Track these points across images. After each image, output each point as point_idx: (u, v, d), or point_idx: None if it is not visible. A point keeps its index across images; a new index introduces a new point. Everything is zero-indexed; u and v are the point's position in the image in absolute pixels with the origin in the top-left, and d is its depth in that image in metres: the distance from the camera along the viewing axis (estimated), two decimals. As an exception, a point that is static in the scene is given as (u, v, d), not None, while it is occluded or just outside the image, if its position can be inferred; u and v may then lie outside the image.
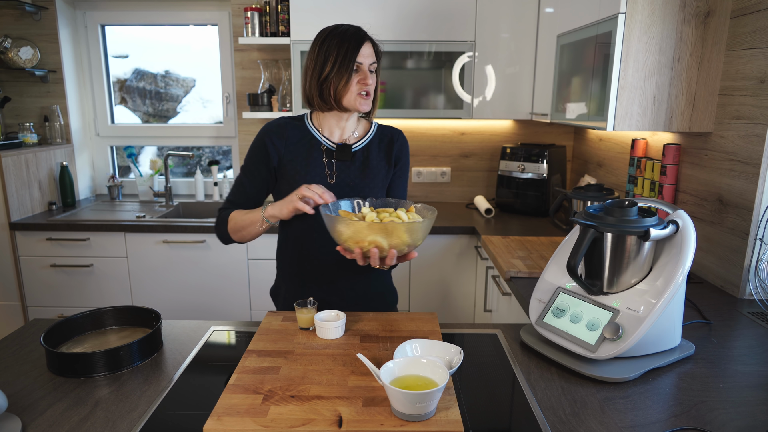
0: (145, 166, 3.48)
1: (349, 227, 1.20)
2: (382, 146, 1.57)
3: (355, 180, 1.52)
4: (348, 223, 1.20)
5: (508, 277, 1.89)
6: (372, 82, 1.45)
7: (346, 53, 1.42)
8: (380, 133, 1.59)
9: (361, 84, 1.44)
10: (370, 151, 1.55)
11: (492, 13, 2.71)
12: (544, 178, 2.86)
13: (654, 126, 1.82)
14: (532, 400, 1.09)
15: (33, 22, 3.05)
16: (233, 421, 0.96)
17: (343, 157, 1.51)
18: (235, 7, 3.06)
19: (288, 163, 1.50)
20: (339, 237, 1.26)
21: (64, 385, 1.14)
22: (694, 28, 1.74)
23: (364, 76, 1.44)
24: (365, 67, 1.44)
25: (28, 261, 2.75)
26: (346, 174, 1.52)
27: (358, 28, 1.46)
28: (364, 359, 1.07)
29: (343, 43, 1.42)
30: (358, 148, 1.54)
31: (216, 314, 2.80)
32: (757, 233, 1.61)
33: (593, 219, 1.24)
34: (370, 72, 1.45)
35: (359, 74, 1.44)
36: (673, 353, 1.25)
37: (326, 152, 1.52)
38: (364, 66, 1.44)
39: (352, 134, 1.56)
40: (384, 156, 1.57)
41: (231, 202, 1.55)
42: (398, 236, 1.20)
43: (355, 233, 1.21)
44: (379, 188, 1.55)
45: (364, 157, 1.54)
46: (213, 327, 1.43)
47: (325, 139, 1.53)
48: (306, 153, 1.51)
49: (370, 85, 1.44)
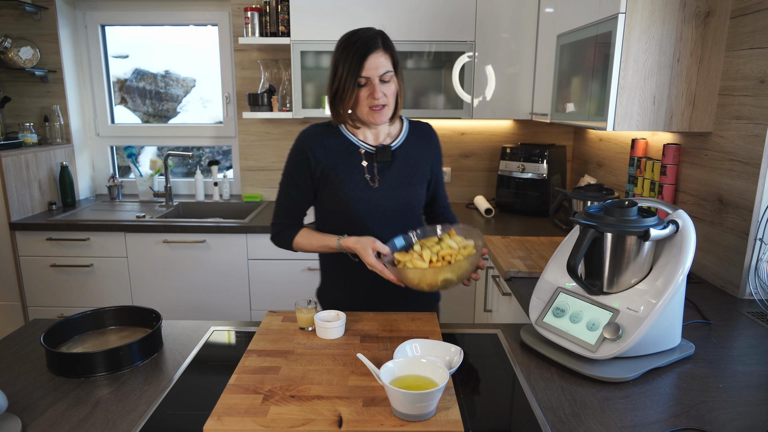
0: (145, 166, 3.48)
1: (418, 274, 1.28)
2: (419, 142, 1.56)
3: (396, 181, 1.51)
4: (416, 272, 1.28)
5: (508, 277, 1.89)
6: (380, 96, 1.38)
7: (350, 68, 1.37)
8: (414, 129, 1.58)
9: (370, 98, 1.40)
10: (408, 149, 1.54)
11: (492, 13, 2.71)
12: (544, 178, 2.86)
13: (654, 126, 1.82)
14: (532, 400, 1.09)
15: (33, 22, 3.04)
16: (233, 421, 0.96)
17: (384, 158, 1.50)
18: (235, 7, 3.06)
19: (330, 171, 1.48)
20: (410, 283, 1.32)
21: (64, 385, 1.14)
22: (694, 28, 1.74)
23: (371, 91, 1.39)
24: (374, 79, 1.38)
25: (28, 261, 2.75)
26: (387, 176, 1.50)
27: (368, 38, 1.38)
28: (364, 359, 1.07)
29: (348, 56, 1.38)
30: (396, 146, 1.53)
31: (216, 314, 2.80)
32: (757, 233, 1.61)
33: (593, 219, 1.24)
34: (383, 82, 1.40)
35: (367, 88, 1.40)
36: (673, 353, 1.25)
37: (365, 156, 1.50)
38: (373, 79, 1.38)
39: (387, 135, 1.54)
40: (422, 152, 1.56)
41: (282, 216, 1.55)
42: (462, 268, 1.29)
43: (425, 277, 1.28)
44: (420, 186, 1.55)
45: (403, 155, 1.53)
46: (213, 327, 1.43)
47: (362, 142, 1.51)
48: (346, 159, 1.49)
49: (379, 99, 1.39)
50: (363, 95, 1.40)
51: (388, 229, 1.51)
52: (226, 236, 2.70)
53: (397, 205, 1.51)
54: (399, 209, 1.52)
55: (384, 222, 1.51)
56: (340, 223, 1.51)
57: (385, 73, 1.40)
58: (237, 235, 2.70)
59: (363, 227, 1.50)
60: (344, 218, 1.51)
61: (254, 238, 2.70)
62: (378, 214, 1.50)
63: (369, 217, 1.50)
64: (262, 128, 3.23)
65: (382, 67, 1.39)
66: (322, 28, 2.71)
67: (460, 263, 1.27)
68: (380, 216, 1.50)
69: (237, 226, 2.68)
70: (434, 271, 1.27)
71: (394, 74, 1.42)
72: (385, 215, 1.51)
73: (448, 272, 1.27)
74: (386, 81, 1.41)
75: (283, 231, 1.55)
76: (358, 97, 1.41)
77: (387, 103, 1.42)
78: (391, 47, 1.43)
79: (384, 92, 1.40)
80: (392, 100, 1.44)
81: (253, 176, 3.31)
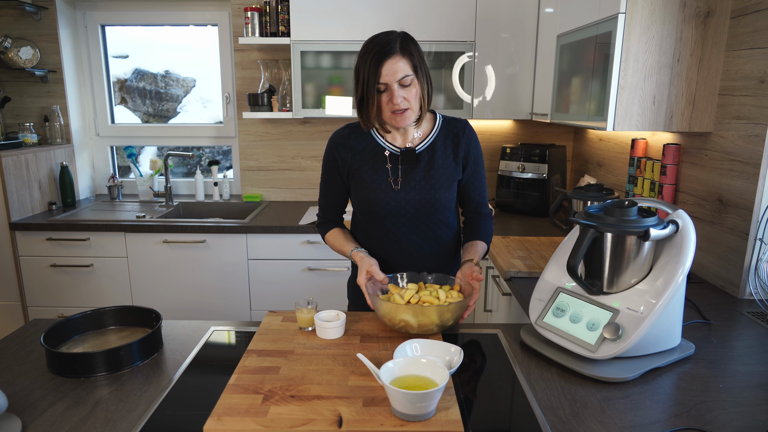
0: (145, 166, 3.48)
1: (383, 306, 1.28)
2: (448, 143, 1.54)
3: (420, 182, 1.51)
4: (382, 303, 1.28)
5: (508, 277, 1.89)
6: (400, 100, 1.38)
7: (369, 75, 1.38)
8: (445, 128, 1.56)
9: (390, 104, 1.40)
10: (435, 150, 1.53)
11: (492, 13, 2.71)
12: (544, 178, 2.86)
13: (654, 126, 1.82)
14: (532, 400, 1.09)
15: (33, 22, 3.04)
16: (233, 421, 0.96)
17: (409, 161, 1.51)
18: (235, 7, 3.06)
19: (356, 171, 1.53)
20: (377, 312, 1.33)
21: (64, 385, 1.14)
22: (694, 28, 1.74)
23: (390, 96, 1.40)
24: (392, 85, 1.38)
25: (28, 261, 2.75)
26: (411, 177, 1.51)
27: (384, 44, 1.38)
28: (364, 359, 1.07)
29: (366, 63, 1.38)
30: (422, 149, 1.53)
31: (216, 314, 2.80)
32: (757, 233, 1.61)
33: (593, 219, 1.24)
34: (403, 86, 1.39)
35: (387, 94, 1.40)
36: (673, 353, 1.25)
37: (390, 158, 1.52)
38: (391, 84, 1.38)
39: (415, 135, 1.54)
40: (450, 153, 1.54)
41: (323, 210, 1.66)
42: (428, 317, 1.26)
43: (389, 311, 1.28)
44: (445, 188, 1.52)
45: (429, 157, 1.52)
46: (213, 327, 1.43)
47: (388, 144, 1.52)
48: (371, 160, 1.52)
49: (398, 104, 1.39)
50: (384, 101, 1.42)
51: (408, 230, 1.53)
52: (226, 236, 2.70)
53: (418, 208, 1.52)
54: (420, 211, 1.52)
55: (404, 223, 1.53)
56: (364, 221, 1.58)
57: (404, 77, 1.39)
58: (237, 235, 2.70)
59: (383, 227, 1.54)
60: (368, 216, 1.56)
61: (254, 238, 2.70)
62: (398, 216, 1.52)
63: (389, 217, 1.52)
64: (262, 128, 3.23)
65: (399, 72, 1.38)
66: (322, 28, 2.71)
67: (425, 310, 1.25)
68: (400, 217, 1.52)
69: (237, 226, 2.68)
70: (398, 308, 1.26)
71: (414, 77, 1.41)
72: (405, 216, 1.52)
73: (410, 315, 1.25)
74: (406, 85, 1.40)
75: (322, 224, 1.66)
76: (380, 103, 1.42)
77: (409, 107, 1.42)
78: (411, 50, 1.40)
79: (404, 96, 1.40)
80: (415, 103, 1.43)
81: (253, 176, 3.31)
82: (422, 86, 1.44)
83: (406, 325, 1.27)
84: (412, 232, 1.54)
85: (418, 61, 1.42)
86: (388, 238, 1.55)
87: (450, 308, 1.26)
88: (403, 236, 1.54)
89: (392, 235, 1.54)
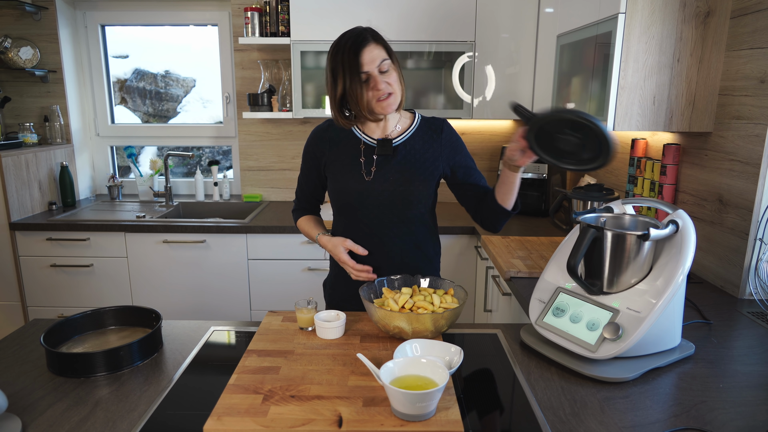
0: (145, 166, 3.48)
1: (377, 312, 1.27)
2: (427, 138, 1.56)
3: (396, 174, 1.52)
4: (376, 309, 1.27)
5: (508, 277, 1.89)
6: (383, 86, 1.42)
7: (349, 69, 1.40)
8: (424, 125, 1.58)
9: (375, 91, 1.42)
10: (413, 144, 1.54)
11: (492, 13, 2.71)
12: (544, 178, 2.86)
13: (654, 126, 1.82)
14: (532, 400, 1.09)
15: (33, 22, 3.05)
16: (233, 421, 0.96)
17: (384, 152, 1.52)
18: (235, 7, 3.06)
19: (331, 163, 1.56)
20: (371, 317, 1.32)
21: (64, 385, 1.14)
22: (694, 28, 1.74)
23: (374, 83, 1.42)
24: (373, 72, 1.41)
25: (28, 261, 2.75)
26: (386, 170, 1.52)
27: (356, 36, 1.42)
28: (364, 359, 1.07)
29: (344, 58, 1.41)
30: (399, 142, 1.54)
31: (216, 314, 2.80)
32: (757, 233, 1.61)
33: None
34: (383, 72, 1.43)
35: (370, 82, 1.43)
36: (673, 353, 1.25)
37: (366, 150, 1.53)
38: (372, 72, 1.41)
39: (395, 129, 1.56)
40: (430, 148, 1.55)
41: (298, 200, 1.71)
42: (422, 323, 1.25)
43: (382, 318, 1.27)
44: (421, 181, 1.53)
45: (406, 151, 1.54)
46: (213, 327, 1.43)
47: (365, 136, 1.55)
48: (347, 151, 1.55)
49: (382, 89, 1.42)
50: (368, 91, 1.43)
51: (382, 224, 1.54)
52: (226, 236, 2.70)
53: (391, 200, 1.52)
54: (393, 204, 1.52)
55: (377, 215, 1.53)
56: (338, 211, 1.61)
57: (383, 62, 1.42)
58: (237, 235, 2.70)
59: (357, 219, 1.55)
60: (343, 208, 1.58)
61: (254, 238, 2.70)
62: (372, 207, 1.53)
63: (363, 209, 1.53)
64: (262, 128, 3.23)
65: (377, 58, 1.42)
66: (322, 28, 2.71)
67: (419, 317, 1.24)
68: (374, 209, 1.53)
69: (237, 226, 2.68)
70: (392, 315, 1.25)
71: (391, 62, 1.45)
72: (379, 208, 1.53)
73: (405, 321, 1.25)
74: (385, 70, 1.43)
75: (296, 211, 1.72)
76: (365, 94, 1.44)
77: (392, 91, 1.44)
78: (381, 39, 1.46)
79: (387, 81, 1.43)
80: (397, 87, 1.46)
81: (253, 176, 3.31)
82: (398, 73, 1.48)
83: (400, 332, 1.27)
84: (386, 227, 1.54)
85: (390, 49, 1.48)
86: (363, 233, 1.55)
87: (445, 315, 1.26)
88: (377, 230, 1.54)
89: (366, 228, 1.54)
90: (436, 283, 1.45)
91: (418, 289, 1.41)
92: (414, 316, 1.24)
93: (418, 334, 1.27)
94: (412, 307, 1.31)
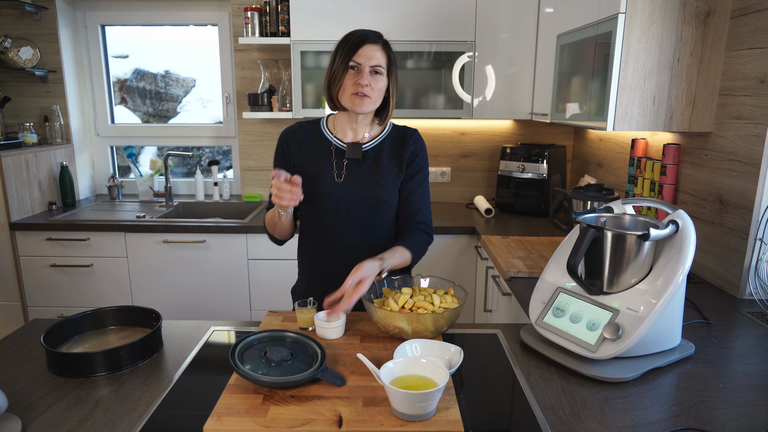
0: (145, 166, 3.48)
1: (377, 312, 1.27)
2: (395, 146, 1.57)
3: (365, 179, 1.53)
4: (376, 309, 1.27)
5: (508, 277, 1.89)
6: (366, 83, 1.43)
7: (344, 54, 1.44)
8: (394, 133, 1.60)
9: (355, 84, 1.43)
10: (381, 150, 1.56)
11: (492, 13, 2.71)
12: (544, 178, 2.86)
13: (654, 126, 1.82)
14: (532, 400, 1.09)
15: (33, 22, 3.04)
16: (233, 421, 0.96)
17: (354, 155, 1.53)
18: (235, 7, 3.06)
19: (301, 164, 1.55)
20: (371, 317, 1.32)
21: (64, 385, 1.14)
22: (694, 28, 1.74)
23: (358, 77, 1.43)
24: (364, 68, 1.43)
25: (28, 261, 2.75)
26: (356, 173, 1.53)
27: (366, 32, 1.46)
28: (364, 359, 1.07)
29: (344, 44, 1.45)
30: (368, 147, 1.55)
31: (216, 314, 2.80)
32: (757, 233, 1.61)
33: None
34: (374, 73, 1.44)
35: (355, 74, 1.44)
36: (673, 353, 1.25)
37: (336, 152, 1.54)
38: (363, 67, 1.43)
39: (365, 135, 1.57)
40: (395, 156, 1.56)
41: (269, 204, 1.61)
42: (423, 323, 1.25)
43: (382, 318, 1.27)
44: (388, 188, 1.54)
45: (375, 156, 1.55)
46: (213, 327, 1.43)
47: (336, 139, 1.56)
48: (317, 153, 1.55)
49: (363, 86, 1.43)
50: (350, 79, 1.44)
51: (350, 226, 1.54)
52: (226, 236, 2.70)
53: (361, 203, 1.53)
54: (363, 207, 1.53)
55: (346, 219, 1.54)
56: (307, 213, 1.59)
57: (377, 65, 1.44)
58: (237, 235, 2.70)
59: (325, 221, 1.55)
60: (311, 210, 1.56)
61: (254, 238, 2.70)
62: (341, 210, 1.53)
63: (331, 211, 1.53)
64: (262, 128, 3.23)
65: (375, 59, 1.44)
66: (322, 28, 2.71)
67: (420, 317, 1.24)
68: (342, 212, 1.53)
69: (237, 226, 2.68)
70: (392, 315, 1.25)
71: (386, 73, 1.47)
72: (347, 211, 1.53)
73: (405, 321, 1.25)
74: (377, 73, 1.45)
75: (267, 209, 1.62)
76: (346, 82, 1.45)
77: (370, 94, 1.45)
78: (389, 48, 1.49)
79: (370, 82, 1.44)
80: (377, 95, 1.47)
81: (253, 176, 3.31)
82: (391, 87, 1.49)
83: (400, 332, 1.27)
84: (354, 230, 1.54)
85: (393, 63, 1.49)
86: (331, 236, 1.55)
87: (445, 315, 1.26)
88: (345, 233, 1.54)
89: (335, 231, 1.54)
90: (437, 283, 1.45)
91: (418, 289, 1.41)
92: (414, 316, 1.24)
93: (418, 334, 1.27)
94: (412, 307, 1.31)
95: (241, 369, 1.06)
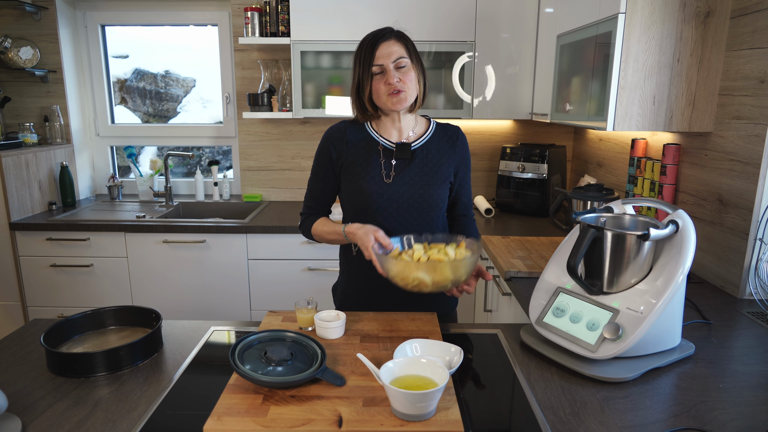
0: (145, 166, 3.48)
1: (396, 265, 1.26)
2: (443, 144, 1.57)
3: (414, 178, 1.52)
4: (394, 262, 1.26)
5: (508, 277, 1.89)
6: (395, 80, 1.42)
7: (364, 60, 1.44)
8: (441, 131, 1.59)
9: (387, 85, 1.43)
10: (429, 150, 1.55)
11: (492, 13, 2.71)
12: (544, 178, 2.86)
13: (654, 126, 1.82)
14: (532, 400, 1.09)
15: (33, 22, 3.04)
16: (233, 421, 0.96)
17: (403, 156, 1.52)
18: (235, 7, 3.06)
19: (349, 165, 1.54)
20: (388, 274, 1.31)
21: (64, 385, 1.14)
22: (694, 28, 1.74)
23: (386, 77, 1.43)
24: (388, 66, 1.43)
25: (28, 261, 2.75)
26: (405, 173, 1.52)
27: (378, 31, 1.46)
28: (364, 359, 1.07)
29: (362, 50, 1.45)
30: (417, 146, 1.55)
31: (216, 314, 2.80)
32: (757, 233, 1.61)
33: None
34: (399, 68, 1.44)
35: (382, 76, 1.44)
36: (673, 353, 1.25)
37: (384, 152, 1.53)
38: (387, 65, 1.43)
39: (410, 133, 1.56)
40: (445, 154, 1.56)
41: (308, 206, 1.63)
42: (441, 273, 1.24)
43: (401, 270, 1.26)
44: (439, 185, 1.53)
45: (423, 155, 1.54)
46: (213, 327, 1.43)
47: (383, 139, 1.54)
48: (365, 154, 1.53)
49: (394, 84, 1.42)
50: (380, 84, 1.44)
51: (399, 225, 1.53)
52: (226, 236, 2.70)
53: (411, 203, 1.52)
54: (412, 207, 1.52)
55: (396, 218, 1.53)
56: (355, 215, 1.57)
57: (399, 59, 1.44)
58: (237, 235, 2.70)
59: (374, 221, 1.52)
60: (359, 210, 1.55)
61: (254, 238, 2.70)
62: (390, 210, 1.52)
63: (381, 211, 1.52)
64: (262, 128, 3.23)
65: (394, 53, 1.43)
66: (322, 28, 2.71)
67: (439, 265, 1.23)
68: (392, 211, 1.52)
69: (237, 226, 2.68)
70: (411, 265, 1.24)
71: (410, 62, 1.46)
72: (397, 211, 1.52)
73: (424, 271, 1.24)
74: (402, 67, 1.44)
75: (306, 219, 1.63)
76: (377, 87, 1.44)
77: (404, 89, 1.44)
78: (405, 37, 1.48)
79: (399, 77, 1.43)
80: (411, 86, 1.46)
81: (253, 176, 3.31)
82: (417, 74, 1.48)
83: (419, 284, 1.25)
84: (402, 230, 1.53)
85: (412, 50, 1.48)
86: None
87: (464, 263, 1.25)
88: (393, 233, 1.52)
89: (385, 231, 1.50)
90: (447, 238, 1.43)
91: (429, 245, 1.40)
92: (433, 266, 1.23)
93: (438, 285, 1.26)
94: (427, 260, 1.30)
95: (241, 369, 1.06)
